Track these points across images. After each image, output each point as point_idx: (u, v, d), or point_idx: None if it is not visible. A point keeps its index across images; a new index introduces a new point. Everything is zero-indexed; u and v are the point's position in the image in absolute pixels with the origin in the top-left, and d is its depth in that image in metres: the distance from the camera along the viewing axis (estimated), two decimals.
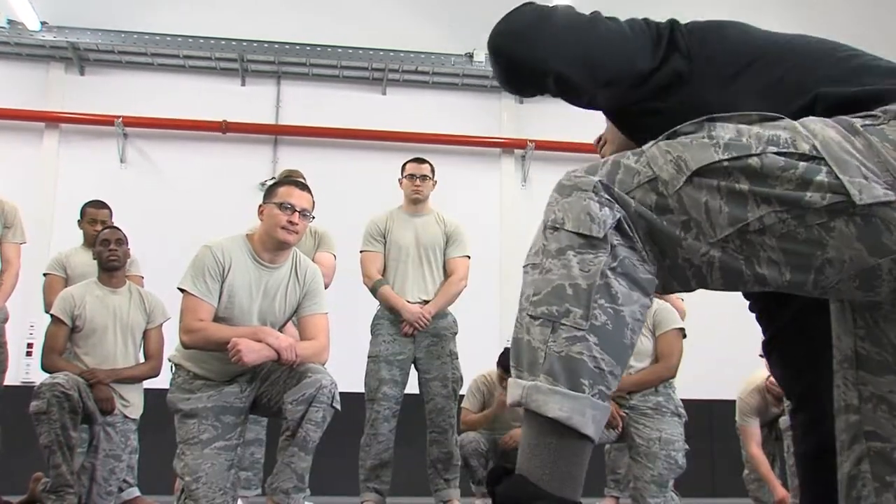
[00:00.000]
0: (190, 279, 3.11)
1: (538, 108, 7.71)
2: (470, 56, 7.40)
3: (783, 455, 4.46)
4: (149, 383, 4.25)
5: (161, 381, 3.86)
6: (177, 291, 3.13)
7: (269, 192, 3.32)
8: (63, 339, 4.03)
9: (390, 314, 4.24)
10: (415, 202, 4.39)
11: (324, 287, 3.43)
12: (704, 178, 1.17)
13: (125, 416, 4.04)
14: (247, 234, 3.29)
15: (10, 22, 6.94)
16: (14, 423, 4.36)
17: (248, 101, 7.46)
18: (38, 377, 4.32)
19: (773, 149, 1.15)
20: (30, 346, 6.52)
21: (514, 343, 1.26)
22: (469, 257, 4.37)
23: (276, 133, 7.48)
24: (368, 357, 4.24)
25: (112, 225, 4.40)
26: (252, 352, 2.98)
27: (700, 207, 1.17)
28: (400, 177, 4.46)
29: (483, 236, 6.55)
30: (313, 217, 3.38)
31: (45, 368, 4.00)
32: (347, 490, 4.92)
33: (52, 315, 4.08)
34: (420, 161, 4.46)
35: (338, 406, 3.10)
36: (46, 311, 4.30)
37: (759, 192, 1.14)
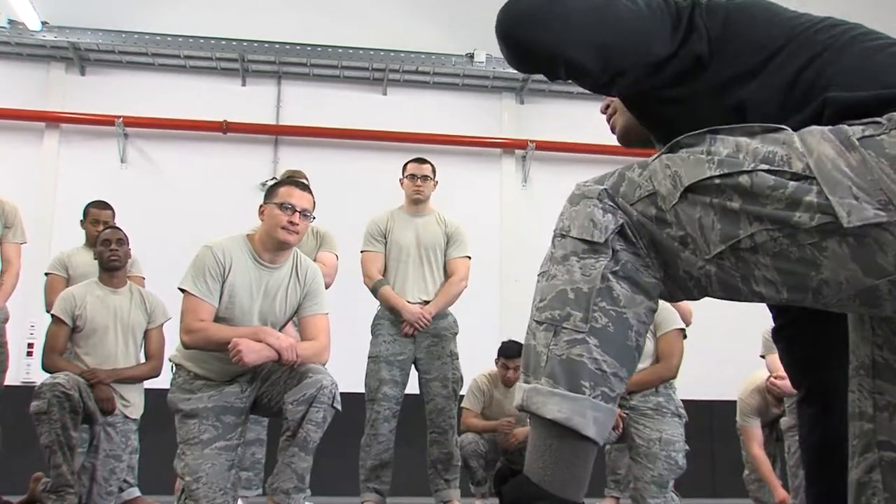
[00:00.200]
0: (190, 279, 3.11)
1: (539, 109, 7.71)
2: (470, 56, 7.40)
3: (784, 456, 4.45)
4: (149, 383, 4.25)
5: (162, 382, 3.86)
6: (177, 291, 3.13)
7: (270, 193, 3.32)
8: (64, 339, 4.03)
9: (391, 314, 4.24)
10: (416, 202, 4.39)
11: (325, 287, 3.43)
12: (698, 194, 1.16)
13: (126, 417, 4.04)
14: (247, 235, 3.29)
15: (11, 22, 6.93)
16: (14, 423, 4.36)
17: (249, 101, 7.46)
18: (39, 377, 4.32)
19: (765, 166, 1.12)
20: (30, 346, 6.52)
21: (524, 349, 1.28)
22: (470, 258, 4.37)
23: (277, 133, 7.48)
24: (369, 357, 4.24)
25: (113, 225, 4.41)
26: (253, 352, 2.97)
27: (695, 223, 1.17)
28: (401, 177, 4.46)
29: (483, 236, 6.55)
30: (314, 217, 3.38)
31: (45, 368, 4.00)
32: (348, 490, 4.91)
33: (52, 315, 4.08)
34: (421, 161, 4.46)
35: (338, 406, 3.10)
36: (47, 311, 4.30)
37: (750, 210, 1.12)
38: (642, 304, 1.22)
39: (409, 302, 4.20)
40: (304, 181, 3.95)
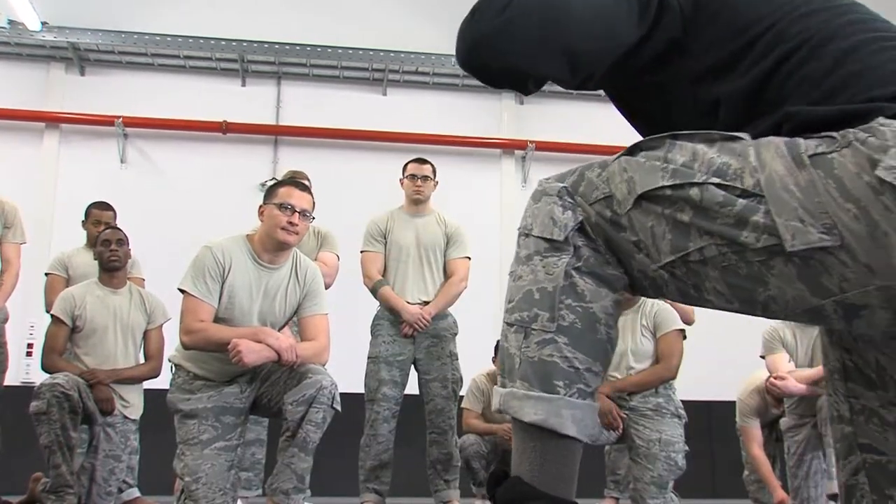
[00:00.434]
0: (190, 280, 3.11)
1: (538, 109, 7.72)
2: None
3: (783, 456, 4.45)
4: (149, 384, 4.25)
5: (161, 382, 3.86)
6: (177, 292, 3.13)
7: (270, 193, 3.32)
8: (63, 339, 4.03)
9: (390, 315, 4.24)
10: (416, 202, 4.38)
11: (324, 287, 3.43)
12: (651, 203, 1.16)
13: (125, 417, 4.04)
14: (247, 235, 3.29)
15: (11, 22, 6.94)
16: (14, 424, 4.35)
17: (249, 101, 7.47)
18: (38, 377, 4.32)
19: (716, 179, 1.10)
20: (30, 346, 6.52)
21: (499, 352, 1.30)
22: (469, 258, 4.36)
23: (277, 133, 7.48)
24: (368, 358, 4.24)
25: (113, 225, 4.41)
26: (252, 352, 2.98)
27: (647, 231, 1.17)
28: (401, 177, 4.46)
29: (483, 237, 6.55)
30: (313, 217, 3.38)
31: (45, 369, 4.00)
32: (347, 491, 4.91)
33: (52, 315, 4.08)
34: (422, 161, 4.45)
35: (338, 407, 3.10)
36: (47, 311, 4.30)
37: (700, 224, 1.12)
38: (608, 297, 1.23)
39: (408, 302, 4.20)
40: (306, 182, 3.95)
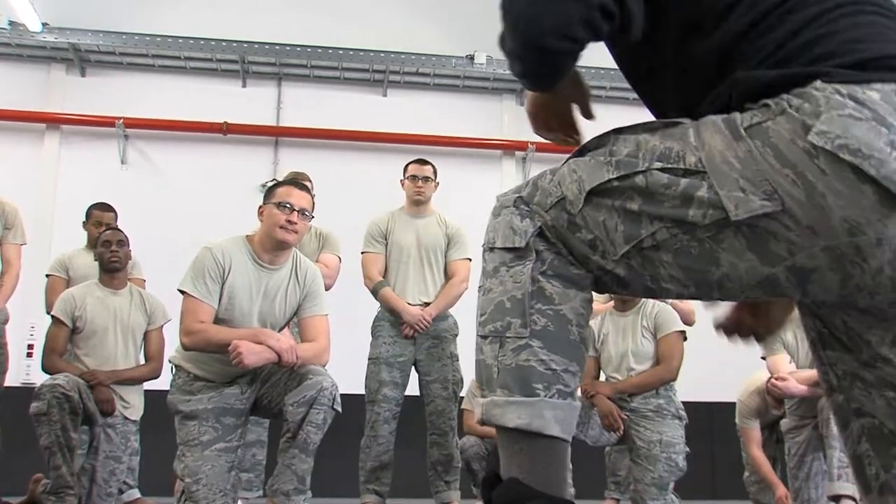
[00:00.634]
0: (190, 281, 3.11)
1: None
2: (471, 58, 7.40)
3: (784, 457, 4.44)
4: (149, 385, 4.25)
5: (161, 383, 3.86)
6: (177, 293, 3.13)
7: (269, 193, 3.32)
8: (63, 340, 4.03)
9: (391, 316, 4.23)
10: (416, 203, 4.38)
11: (325, 288, 3.43)
12: (601, 197, 1.18)
13: (125, 418, 4.04)
14: (247, 236, 3.29)
15: (12, 23, 6.94)
16: (14, 424, 4.35)
17: (249, 102, 7.46)
18: (39, 378, 4.32)
19: (659, 164, 1.13)
20: (30, 347, 6.52)
21: (476, 365, 1.31)
22: (470, 259, 4.36)
23: (277, 134, 7.48)
24: (369, 359, 4.24)
25: (114, 226, 4.41)
26: (253, 354, 2.97)
27: (600, 226, 1.19)
28: (402, 178, 4.46)
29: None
30: (312, 217, 3.37)
31: (45, 369, 4.00)
32: (348, 492, 4.91)
33: (52, 316, 4.09)
34: (422, 162, 4.45)
35: (338, 408, 3.09)
36: (48, 312, 4.30)
37: (649, 210, 1.14)
38: (577, 297, 1.25)
39: (409, 303, 4.20)
40: (308, 183, 3.95)
